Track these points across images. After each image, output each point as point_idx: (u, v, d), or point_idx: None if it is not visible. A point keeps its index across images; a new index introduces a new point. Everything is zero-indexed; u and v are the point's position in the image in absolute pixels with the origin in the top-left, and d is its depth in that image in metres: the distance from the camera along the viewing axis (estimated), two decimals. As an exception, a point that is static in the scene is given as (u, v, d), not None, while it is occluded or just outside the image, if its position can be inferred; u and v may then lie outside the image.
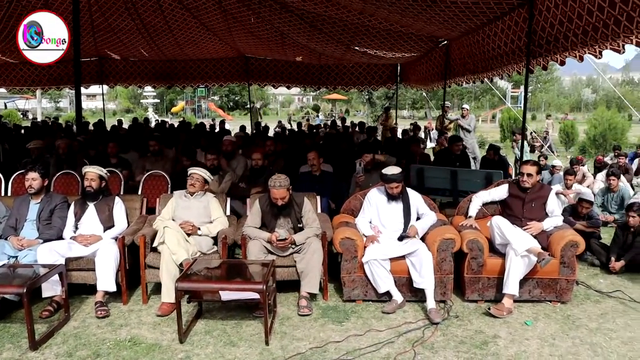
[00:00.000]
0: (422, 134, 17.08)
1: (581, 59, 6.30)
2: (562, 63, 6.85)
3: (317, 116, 40.70)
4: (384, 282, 4.93)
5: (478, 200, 5.58)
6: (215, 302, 4.83)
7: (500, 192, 5.54)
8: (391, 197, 5.28)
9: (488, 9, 7.55)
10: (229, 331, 4.50)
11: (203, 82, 17.10)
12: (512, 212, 5.35)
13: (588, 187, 9.70)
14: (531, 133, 21.10)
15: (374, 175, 6.37)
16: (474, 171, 8.65)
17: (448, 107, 16.68)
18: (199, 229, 5.30)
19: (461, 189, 7.02)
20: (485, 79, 10.12)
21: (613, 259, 6.14)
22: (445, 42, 11.06)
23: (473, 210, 5.53)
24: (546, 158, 10.90)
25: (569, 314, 4.94)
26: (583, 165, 10.88)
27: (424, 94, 27.12)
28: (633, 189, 10.06)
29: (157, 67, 16.32)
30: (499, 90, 41.45)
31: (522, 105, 43.05)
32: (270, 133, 16.94)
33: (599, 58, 6.11)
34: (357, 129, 16.77)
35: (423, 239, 5.21)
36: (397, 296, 4.95)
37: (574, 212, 6.92)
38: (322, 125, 21.96)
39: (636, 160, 12.56)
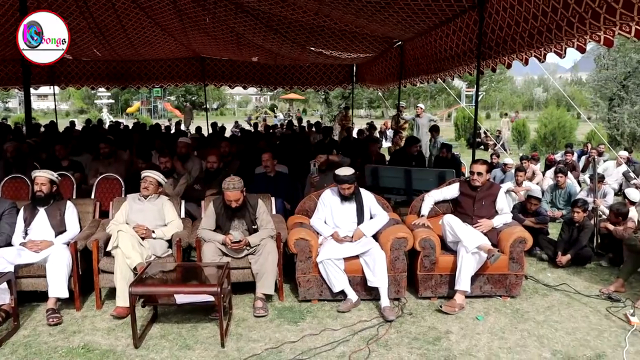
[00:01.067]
0: (377, 134, 17.21)
1: (526, 62, 6.49)
2: (509, 66, 7.04)
3: (276, 116, 40.62)
4: (339, 281, 4.99)
5: (430, 199, 5.70)
6: (171, 305, 4.79)
7: (451, 190, 5.67)
8: (344, 198, 5.34)
9: (440, 11, 7.68)
10: (184, 334, 4.49)
11: (158, 82, 16.89)
12: (463, 210, 5.48)
13: (538, 184, 9.97)
14: (485, 131, 21.53)
15: (328, 176, 6.42)
16: (428, 170, 8.77)
17: (403, 107, 16.89)
18: (153, 232, 5.25)
19: (415, 188, 7.12)
20: (439, 79, 10.30)
21: (560, 253, 6.36)
22: (400, 42, 11.20)
23: (425, 209, 5.64)
24: (498, 156, 11.14)
25: (518, 308, 5.09)
26: (538, 162, 11.17)
27: (379, 93, 27.32)
28: (580, 186, 10.38)
29: (110, 68, 16.04)
30: (454, 89, 42.10)
31: (477, 104, 43.74)
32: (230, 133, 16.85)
33: (543, 61, 6.30)
34: (313, 129, 16.83)
35: (376, 238, 5.29)
36: (352, 295, 5.02)
37: (523, 209, 7.12)
38: (279, 126, 21.94)
39: (583, 158, 12.97)
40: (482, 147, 20.59)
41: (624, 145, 19.05)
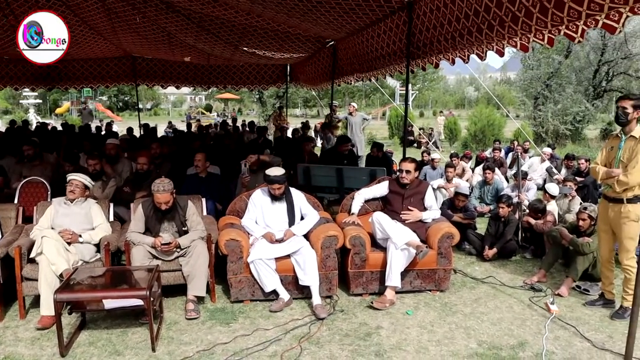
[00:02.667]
0: (312, 133, 17.29)
1: (453, 62, 6.68)
2: (437, 65, 7.22)
3: (217, 115, 40.22)
4: (270, 281, 5.00)
5: (360, 197, 5.79)
6: (99, 311, 4.67)
7: (381, 188, 5.78)
8: (275, 198, 5.36)
9: (371, 11, 7.78)
10: (114, 340, 4.39)
11: (87, 83, 16.25)
12: (393, 207, 5.60)
13: (468, 180, 10.27)
14: (419, 130, 21.98)
15: (259, 176, 6.43)
16: (359, 169, 8.90)
17: (336, 106, 17.02)
18: (80, 236, 5.11)
19: (347, 187, 7.22)
20: (373, 78, 10.44)
21: (487, 247, 6.60)
22: (332, 42, 11.28)
23: (355, 207, 5.72)
24: (429, 154, 11.40)
25: (447, 301, 5.25)
26: (470, 160, 11.49)
27: (313, 93, 27.44)
28: (507, 181, 10.75)
29: (35, 67, 15.31)
30: (388, 88, 42.80)
31: (409, 103, 44.64)
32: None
33: (466, 62, 6.51)
34: (247, 128, 16.77)
35: (307, 237, 5.33)
36: (284, 294, 5.04)
37: (452, 205, 7.32)
38: (213, 126, 21.71)
39: (510, 154, 13.43)
40: (415, 145, 21.00)
41: (548, 142, 19.84)
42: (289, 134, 15.34)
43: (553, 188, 7.53)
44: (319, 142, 17.79)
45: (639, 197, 4.63)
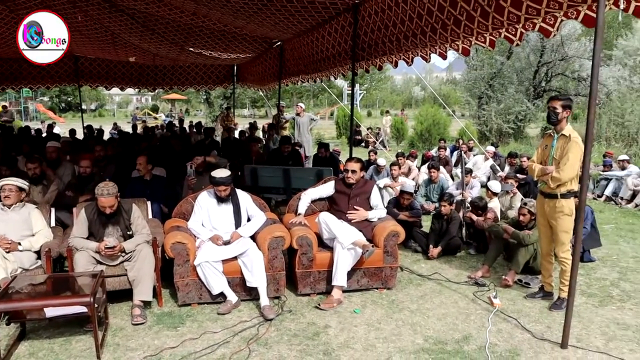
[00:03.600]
0: (259, 134, 17.24)
1: (396, 64, 6.81)
2: (380, 68, 7.33)
3: (167, 116, 39.56)
4: (218, 283, 4.97)
5: (307, 197, 5.81)
6: (40, 320, 4.54)
7: (327, 188, 5.83)
8: (221, 200, 5.33)
9: (317, 13, 7.82)
10: (56, 350, 4.28)
11: (26, 83, 15.67)
12: (339, 207, 5.65)
13: (414, 179, 10.44)
14: (367, 129, 22.19)
15: (205, 178, 6.37)
16: (306, 169, 8.94)
17: (283, 106, 17.01)
18: (19, 244, 4.96)
19: (294, 187, 7.24)
20: (319, 79, 10.50)
21: (431, 246, 6.72)
22: (279, 43, 11.29)
23: (302, 208, 5.75)
24: (376, 153, 11.52)
25: (394, 299, 5.34)
26: (415, 159, 11.67)
27: (261, 93, 27.37)
28: (453, 179, 10.99)
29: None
30: (336, 88, 43.00)
31: (357, 103, 44.78)
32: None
33: (410, 64, 6.63)
34: (194, 129, 16.59)
35: (254, 238, 5.33)
36: (232, 296, 5.02)
37: (398, 203, 7.42)
38: (159, 127, 21.37)
39: (455, 153, 13.72)
40: (363, 144, 21.19)
41: (492, 140, 20.35)
42: (237, 134, 15.22)
43: (495, 185, 7.74)
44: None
45: (572, 192, 4.87)
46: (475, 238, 7.07)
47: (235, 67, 16.60)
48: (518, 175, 9.74)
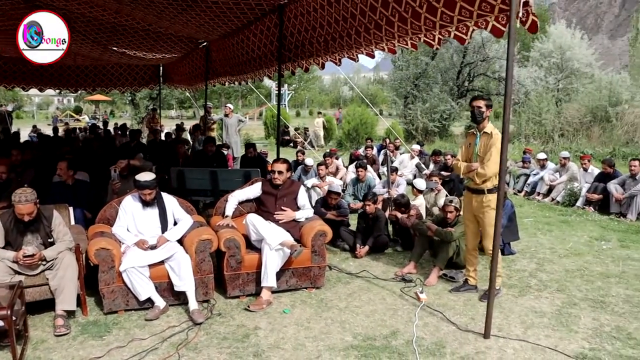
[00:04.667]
0: (187, 135, 16.99)
1: (323, 66, 6.88)
2: (307, 70, 7.38)
3: (91, 118, 38.29)
4: (145, 289, 4.88)
5: (234, 199, 5.78)
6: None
7: (254, 190, 5.82)
8: (146, 204, 5.23)
9: (242, 14, 7.79)
10: (-31, 368, 4.10)
11: None
12: (266, 208, 5.66)
13: (341, 178, 10.56)
14: (295, 130, 22.25)
15: (130, 181, 6.24)
16: (233, 170, 8.91)
17: (211, 107, 16.83)
18: None
19: (222, 189, 7.20)
20: (246, 80, 10.47)
21: (359, 244, 6.83)
22: (205, 43, 11.18)
23: (229, 210, 5.71)
24: (303, 153, 11.58)
25: (323, 297, 5.40)
26: (337, 158, 11.79)
27: (187, 94, 27.00)
28: (380, 178, 11.18)
29: None
30: (264, 88, 42.91)
31: (286, 103, 44.78)
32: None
33: (338, 65, 6.71)
34: (119, 132, 16.17)
35: (181, 241, 5.26)
36: (160, 302, 4.94)
37: (325, 203, 7.48)
38: (82, 129, 20.70)
39: (382, 152, 13.97)
40: (291, 144, 21.26)
41: (418, 138, 20.87)
42: (163, 136, 14.96)
43: (420, 183, 7.94)
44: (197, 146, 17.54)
45: (497, 187, 5.06)
46: (401, 235, 7.23)
47: (161, 68, 16.27)
48: (442, 172, 10.03)
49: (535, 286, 5.79)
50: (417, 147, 13.70)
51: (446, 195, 7.41)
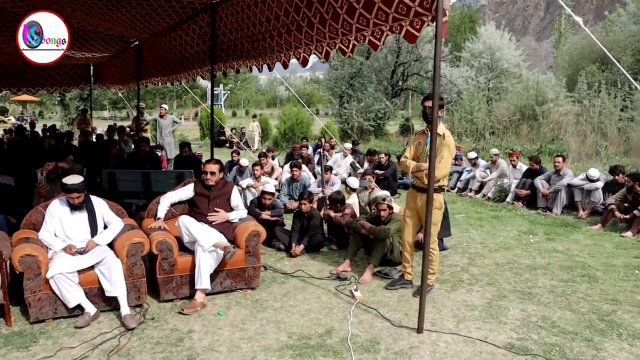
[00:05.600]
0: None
1: (250, 69, 6.88)
2: (237, 71, 7.35)
3: (18, 119, 36.74)
4: (74, 295, 4.72)
5: (166, 201, 5.68)
6: None
7: (186, 191, 5.74)
8: (74, 207, 5.07)
9: (173, 12, 7.69)
10: None
11: None
12: (199, 209, 5.59)
13: (277, 178, 10.56)
14: (231, 130, 22.08)
15: (58, 185, 6.03)
16: (166, 172, 8.76)
17: (143, 107, 16.49)
18: None
19: (155, 191, 7.05)
20: (179, 80, 10.32)
21: (294, 244, 6.84)
22: (137, 42, 10.96)
23: (161, 212, 5.61)
24: (238, 154, 11.49)
25: (258, 298, 5.38)
26: (273, 158, 11.78)
27: (120, 94, 26.37)
28: (315, 177, 11.23)
29: None
30: (199, 88, 42.38)
31: (221, 103, 44.41)
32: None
33: (272, 69, 6.72)
34: (47, 133, 15.62)
35: (112, 245, 5.13)
36: (90, 308, 4.79)
37: (259, 203, 7.44)
38: (7, 131, 19.87)
39: (318, 151, 14.05)
40: (227, 145, 21.09)
41: (353, 137, 21.09)
42: (95, 138, 14.56)
43: (353, 181, 8.03)
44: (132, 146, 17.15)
45: (442, 188, 5.24)
46: (336, 234, 7.28)
47: (91, 67, 15.81)
48: (377, 171, 10.18)
49: (467, 280, 5.96)
50: (348, 145, 13.85)
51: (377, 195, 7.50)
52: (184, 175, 7.03)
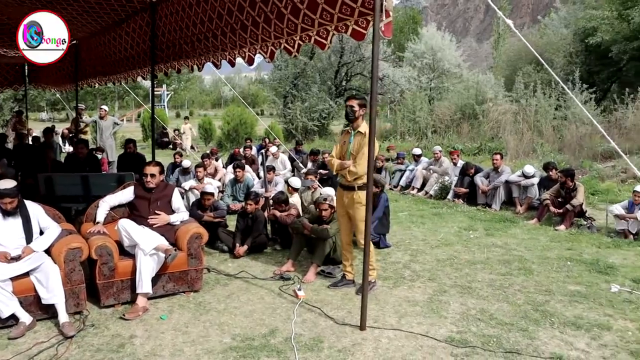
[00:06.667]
0: (60, 139, 16.14)
1: (192, 69, 6.82)
2: (179, 71, 7.27)
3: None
4: (7, 305, 4.53)
5: (105, 204, 5.56)
6: None
7: (126, 194, 5.63)
8: (7, 213, 4.87)
9: (112, 10, 7.56)
10: None
11: None
12: (139, 212, 5.49)
13: (220, 179, 10.48)
14: (174, 131, 21.76)
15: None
16: (106, 175, 8.60)
17: (82, 109, 16.06)
18: None
19: (95, 194, 6.87)
20: (122, 81, 10.14)
21: (238, 245, 6.82)
22: (75, 42, 10.67)
23: (101, 216, 5.48)
24: (181, 155, 11.36)
25: (201, 301, 5.34)
26: (217, 159, 11.69)
27: (58, 95, 25.65)
28: (259, 177, 11.20)
29: None
30: (143, 89, 41.61)
31: (165, 104, 43.71)
32: None
33: (218, 67, 6.68)
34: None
35: (49, 252, 4.98)
36: (25, 317, 4.62)
37: (200, 205, 7.36)
38: None
39: (262, 151, 14.02)
40: (170, 146, 20.77)
41: (297, 137, 21.12)
42: (31, 140, 14.07)
43: (295, 181, 8.06)
44: (68, 148, 16.70)
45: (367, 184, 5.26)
46: (280, 234, 7.29)
47: (26, 67, 15.27)
48: (321, 171, 10.23)
49: (409, 277, 6.07)
50: (276, 148, 13.82)
51: (320, 194, 7.55)
52: (124, 178, 6.90)
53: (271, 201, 7.37)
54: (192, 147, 19.94)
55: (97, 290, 5.09)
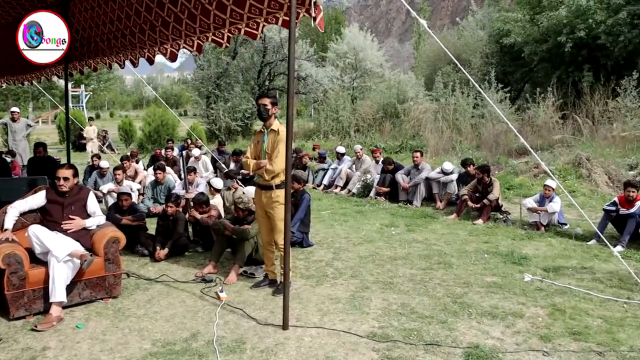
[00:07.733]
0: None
1: (110, 66, 6.63)
2: (95, 69, 7.06)
3: None
4: None
5: (14, 210, 5.27)
6: None
7: (37, 199, 5.37)
8: None
9: (19, 5, 7.23)
10: None
11: None
12: (52, 218, 5.25)
13: (141, 182, 10.23)
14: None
15: None
16: (17, 179, 8.21)
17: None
18: None
19: (4, 200, 6.54)
20: (34, 81, 9.73)
21: (158, 248, 6.68)
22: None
23: (9, 222, 5.19)
24: (99, 157, 11.00)
25: (120, 307, 5.19)
26: (138, 162, 11.40)
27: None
28: (180, 179, 11.01)
29: None
30: (59, 89, 40.01)
31: (83, 105, 42.29)
32: None
33: (135, 66, 6.53)
34: None
35: (-49, 262, 4.70)
36: None
37: (118, 208, 7.18)
38: None
39: (184, 152, 13.78)
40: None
41: (220, 138, 20.91)
42: None
43: (217, 182, 7.99)
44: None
45: (284, 183, 5.26)
46: (201, 236, 7.18)
47: None
48: (243, 171, 10.16)
49: (331, 275, 6.12)
50: (198, 150, 13.60)
51: (244, 193, 7.49)
52: (36, 182, 6.61)
53: (192, 203, 7.25)
54: (110, 148, 19.27)
55: (6, 301, 4.82)
